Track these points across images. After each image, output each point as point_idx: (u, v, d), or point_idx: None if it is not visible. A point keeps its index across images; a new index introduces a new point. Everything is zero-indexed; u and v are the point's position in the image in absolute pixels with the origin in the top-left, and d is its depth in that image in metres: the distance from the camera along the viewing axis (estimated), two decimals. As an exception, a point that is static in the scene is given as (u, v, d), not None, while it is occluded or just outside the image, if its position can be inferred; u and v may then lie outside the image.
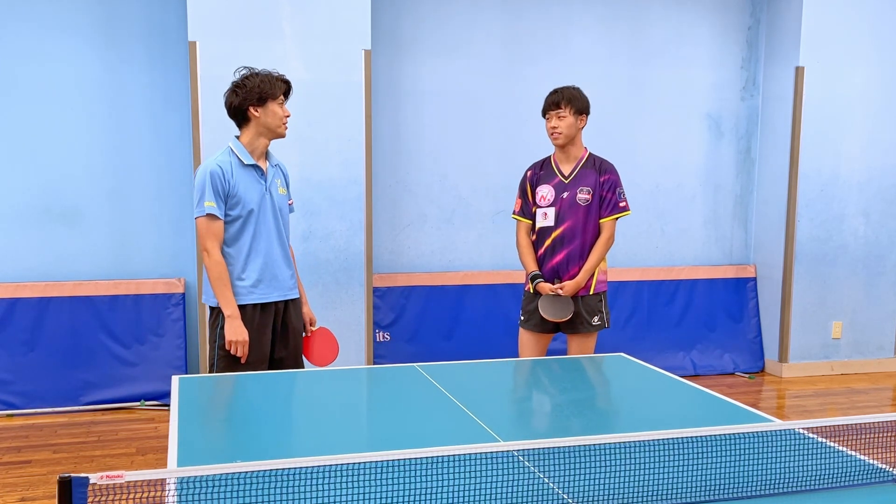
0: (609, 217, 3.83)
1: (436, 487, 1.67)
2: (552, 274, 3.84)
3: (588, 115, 3.85)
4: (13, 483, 3.82)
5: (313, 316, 3.49)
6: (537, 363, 3.34)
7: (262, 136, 3.19)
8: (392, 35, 5.43)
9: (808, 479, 1.83)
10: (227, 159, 3.16)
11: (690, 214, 6.15)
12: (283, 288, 3.28)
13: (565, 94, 3.78)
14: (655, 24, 5.91)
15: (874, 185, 6.04)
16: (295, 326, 3.34)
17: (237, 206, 3.15)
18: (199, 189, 3.13)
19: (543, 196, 3.85)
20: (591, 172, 3.82)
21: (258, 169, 3.21)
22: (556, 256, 3.82)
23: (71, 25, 4.93)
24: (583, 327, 3.82)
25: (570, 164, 3.85)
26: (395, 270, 5.58)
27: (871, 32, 5.87)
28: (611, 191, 3.82)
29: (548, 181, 3.86)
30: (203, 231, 3.14)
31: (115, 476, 1.41)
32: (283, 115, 3.19)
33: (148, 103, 5.08)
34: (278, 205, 3.27)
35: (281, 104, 3.19)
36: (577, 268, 3.79)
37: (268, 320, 3.23)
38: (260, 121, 3.16)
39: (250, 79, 3.15)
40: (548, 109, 3.81)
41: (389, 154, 5.49)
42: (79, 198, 5.04)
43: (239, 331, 3.12)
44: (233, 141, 3.21)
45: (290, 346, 3.32)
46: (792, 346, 6.03)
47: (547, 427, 2.37)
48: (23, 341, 4.87)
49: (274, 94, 3.15)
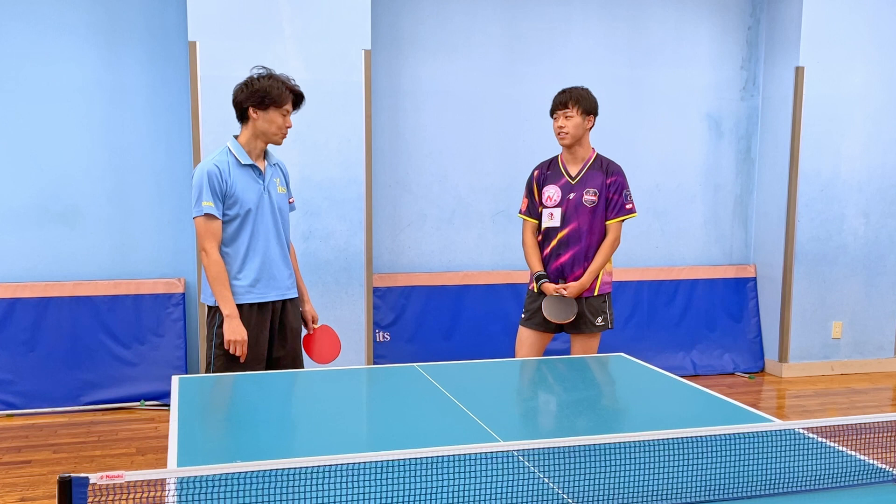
0: (615, 219, 3.83)
1: (436, 487, 1.66)
2: (557, 274, 3.84)
3: (596, 115, 3.84)
4: (13, 483, 3.82)
5: (315, 314, 3.49)
6: (537, 363, 3.34)
7: (258, 138, 3.19)
8: (392, 35, 5.43)
9: (808, 479, 1.83)
10: (225, 159, 3.15)
11: (690, 214, 6.15)
12: (281, 287, 3.27)
13: (573, 94, 3.77)
14: (655, 24, 5.91)
15: (874, 185, 6.04)
16: (293, 326, 3.34)
17: (235, 206, 3.15)
18: (197, 189, 3.13)
19: (550, 196, 3.85)
20: (598, 174, 3.81)
21: (256, 169, 3.21)
22: (561, 257, 3.82)
23: (71, 25, 4.93)
24: (586, 328, 3.82)
25: (577, 165, 3.85)
26: (395, 270, 5.58)
27: (871, 32, 5.87)
28: (617, 192, 3.81)
29: (555, 181, 3.86)
30: (201, 231, 3.14)
31: (115, 476, 1.41)
32: (282, 125, 3.17)
33: (148, 103, 5.08)
34: (277, 204, 3.27)
35: (285, 114, 3.16)
36: (582, 269, 3.79)
37: (265, 320, 3.23)
38: (257, 123, 3.15)
39: (260, 80, 3.14)
40: (555, 109, 3.80)
41: (389, 154, 5.49)
42: (79, 198, 5.04)
43: (238, 330, 3.12)
44: (231, 141, 3.21)
45: (288, 346, 3.32)
46: (792, 346, 6.03)
47: (547, 427, 2.37)
48: (23, 341, 4.87)
49: (278, 102, 3.12)
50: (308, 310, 3.47)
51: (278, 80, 3.15)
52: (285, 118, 3.18)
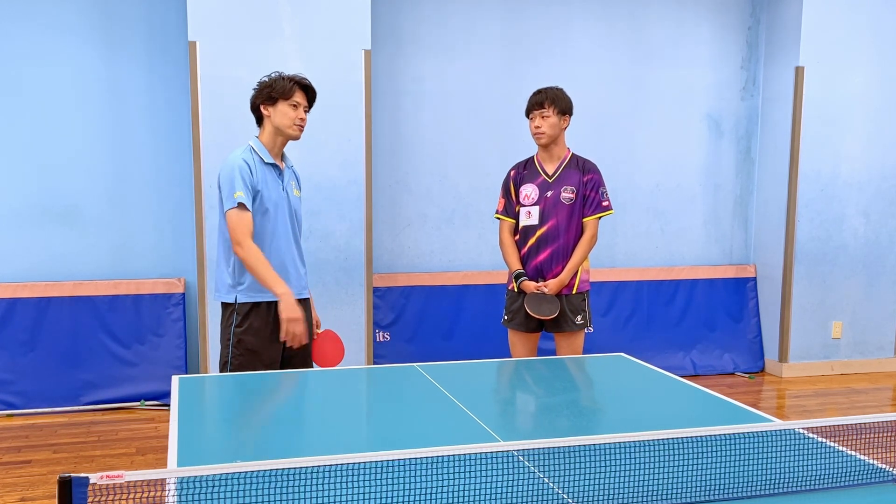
0: (592, 216, 3.86)
1: (436, 487, 1.66)
2: (536, 272, 3.86)
3: (571, 115, 3.87)
4: (13, 483, 3.82)
5: (318, 318, 3.49)
6: (536, 363, 3.34)
7: (277, 135, 3.21)
8: (392, 35, 5.43)
9: (808, 479, 1.83)
10: (251, 156, 3.16)
11: (690, 214, 6.15)
12: (298, 287, 3.27)
13: (549, 94, 3.79)
14: (655, 24, 5.91)
15: (874, 185, 6.04)
16: (306, 325, 3.34)
17: (260, 203, 3.15)
18: (229, 181, 3.09)
19: (527, 195, 3.87)
20: (575, 172, 3.85)
21: (277, 168, 3.23)
22: (540, 255, 3.84)
23: (71, 25, 4.93)
24: (567, 326, 3.84)
25: (553, 164, 3.88)
26: (395, 270, 5.58)
27: (871, 32, 5.87)
28: (594, 190, 3.84)
29: (532, 180, 3.88)
30: (235, 222, 3.07)
31: (115, 476, 1.41)
32: (294, 116, 3.18)
33: (148, 103, 5.08)
34: (294, 206, 3.29)
35: (295, 105, 3.18)
36: (561, 266, 3.82)
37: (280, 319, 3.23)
38: (272, 120, 3.18)
39: (267, 80, 3.20)
40: (531, 109, 3.83)
41: (389, 154, 5.49)
42: (78, 198, 5.04)
43: (295, 308, 3.06)
44: (253, 140, 3.23)
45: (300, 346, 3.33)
46: (792, 346, 6.03)
47: (547, 427, 2.37)
48: (23, 341, 4.87)
49: (284, 94, 3.15)
50: (312, 315, 3.46)
51: (285, 76, 3.20)
52: (297, 110, 3.19)
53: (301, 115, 3.20)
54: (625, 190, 5.93)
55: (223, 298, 3.21)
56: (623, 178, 5.93)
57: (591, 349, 5.32)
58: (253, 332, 3.15)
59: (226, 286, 3.20)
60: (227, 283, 3.20)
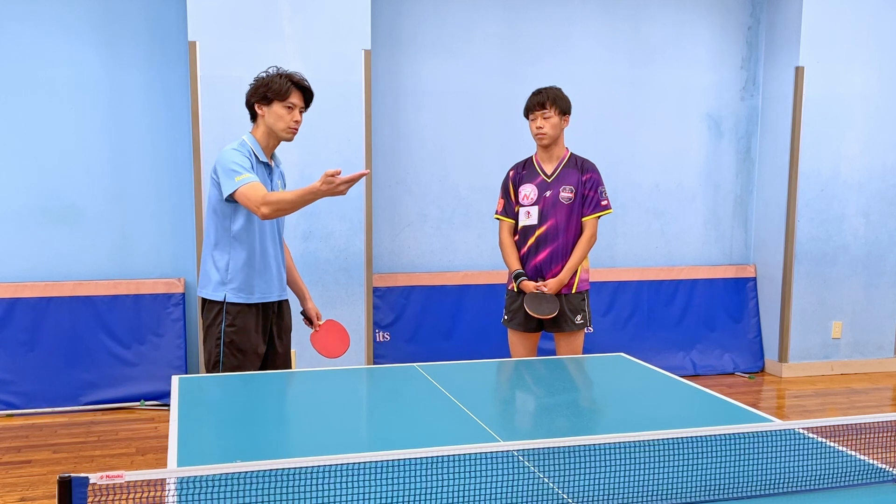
0: (591, 215, 3.86)
1: (436, 487, 1.66)
2: (535, 272, 3.86)
3: (570, 115, 3.87)
4: (13, 483, 3.82)
5: (318, 310, 3.49)
6: (536, 363, 3.34)
7: (270, 135, 3.16)
8: (392, 35, 5.43)
9: (808, 479, 1.83)
10: (246, 151, 3.12)
11: (690, 214, 6.15)
12: (280, 288, 3.29)
13: (550, 95, 3.79)
14: (655, 24, 5.91)
15: (874, 185, 6.04)
16: (287, 327, 3.36)
17: None
18: (231, 164, 3.01)
19: (526, 195, 3.88)
20: (574, 171, 3.85)
21: (268, 167, 3.21)
22: (539, 254, 3.84)
23: (71, 25, 4.93)
24: (567, 325, 3.84)
25: (552, 164, 3.88)
26: (395, 270, 5.58)
27: (871, 32, 5.87)
28: (593, 189, 3.85)
29: (531, 180, 3.89)
30: (249, 194, 2.93)
31: (115, 476, 1.41)
32: (288, 119, 3.11)
33: (148, 103, 5.08)
34: None
35: (290, 107, 3.11)
36: (560, 266, 3.82)
37: (265, 319, 3.23)
38: (265, 120, 3.13)
39: (264, 77, 3.13)
40: (532, 110, 3.82)
41: (389, 154, 5.49)
42: (78, 198, 5.04)
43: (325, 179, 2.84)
44: (247, 136, 3.18)
45: (284, 346, 3.35)
46: (792, 346, 6.03)
47: (547, 427, 2.37)
48: (23, 341, 4.87)
49: (280, 94, 3.08)
50: (311, 307, 3.46)
51: (282, 75, 3.12)
52: (292, 112, 3.12)
53: (296, 118, 3.15)
54: (625, 190, 5.93)
55: (209, 296, 3.17)
56: (623, 177, 5.93)
57: (591, 349, 5.32)
58: (244, 332, 3.16)
59: (213, 283, 3.16)
60: (215, 280, 3.16)
